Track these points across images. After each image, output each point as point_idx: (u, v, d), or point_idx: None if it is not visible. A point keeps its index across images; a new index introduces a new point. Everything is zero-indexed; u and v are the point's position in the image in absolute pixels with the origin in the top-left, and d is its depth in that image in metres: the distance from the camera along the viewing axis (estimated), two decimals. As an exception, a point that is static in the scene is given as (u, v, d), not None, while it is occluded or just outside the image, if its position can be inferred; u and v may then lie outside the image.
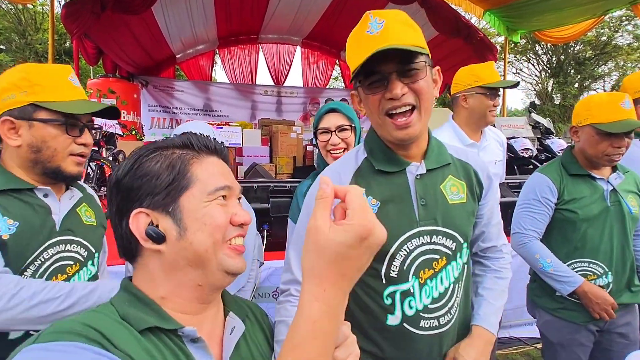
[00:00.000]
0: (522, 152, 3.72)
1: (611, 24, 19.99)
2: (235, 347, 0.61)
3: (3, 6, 20.30)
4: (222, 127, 4.21)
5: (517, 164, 3.86)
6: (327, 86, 9.84)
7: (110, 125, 4.35)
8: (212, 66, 8.96)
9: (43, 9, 17.95)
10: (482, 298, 0.96)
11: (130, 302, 0.55)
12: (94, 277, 1.00)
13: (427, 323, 0.86)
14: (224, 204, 0.58)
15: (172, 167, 0.56)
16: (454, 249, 0.88)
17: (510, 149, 3.83)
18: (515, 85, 1.72)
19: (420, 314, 0.85)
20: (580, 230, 1.31)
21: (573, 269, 1.33)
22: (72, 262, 0.94)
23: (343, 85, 10.43)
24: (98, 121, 3.02)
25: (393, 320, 0.85)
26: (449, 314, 0.88)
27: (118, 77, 6.31)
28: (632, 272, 1.34)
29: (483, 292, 0.97)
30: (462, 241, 0.89)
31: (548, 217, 1.35)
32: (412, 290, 0.85)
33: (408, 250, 0.85)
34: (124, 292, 0.57)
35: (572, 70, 24.04)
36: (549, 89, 24.61)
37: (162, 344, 0.52)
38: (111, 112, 0.97)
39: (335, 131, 1.27)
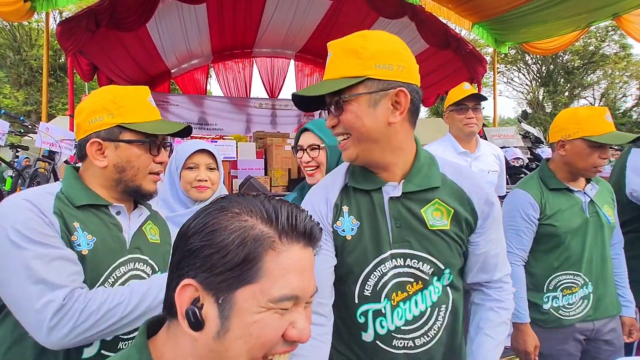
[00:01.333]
0: (513, 162, 3.78)
1: (598, 34, 20.52)
2: None
3: (-2, 23, 20.49)
4: (216, 142, 4.24)
5: (508, 173, 3.91)
6: (321, 98, 9.94)
7: None
8: (207, 80, 9.05)
9: (38, 25, 18.07)
10: (481, 332, 0.90)
11: None
12: None
13: (401, 343, 0.86)
14: (284, 313, 0.49)
15: (242, 246, 0.47)
16: (430, 273, 0.86)
17: (537, 158, 3.88)
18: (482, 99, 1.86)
19: (392, 334, 0.85)
20: (564, 243, 1.33)
21: (558, 282, 1.35)
22: None
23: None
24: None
25: (367, 337, 0.87)
26: (425, 336, 0.87)
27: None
28: (611, 281, 1.37)
29: (480, 323, 0.92)
30: (442, 267, 0.86)
31: (533, 233, 1.38)
32: (383, 311, 0.85)
33: (382, 272, 0.85)
34: (137, 355, 0.51)
35: (562, 80, 24.50)
36: (540, 97, 25.02)
37: None
38: (185, 131, 1.00)
39: (306, 149, 1.31)
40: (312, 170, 1.29)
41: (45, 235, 0.79)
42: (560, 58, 23.27)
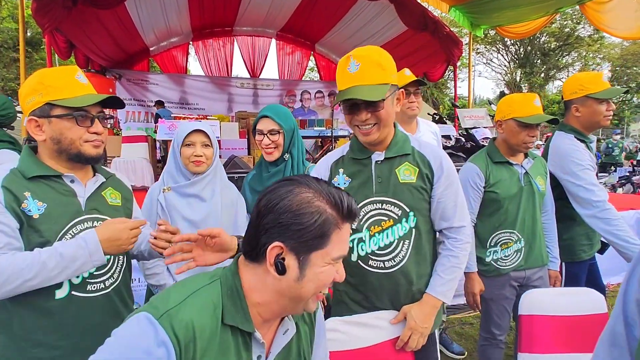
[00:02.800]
0: (482, 141, 4.05)
1: (574, 16, 20.93)
2: (285, 347, 0.79)
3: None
4: (200, 122, 4.32)
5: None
6: (303, 78, 9.96)
7: None
8: (187, 59, 8.91)
9: (0, -4, 16.92)
10: (435, 272, 1.21)
11: (231, 296, 0.72)
12: None
13: (375, 263, 1.20)
14: (334, 265, 0.73)
15: (320, 227, 0.69)
16: (399, 215, 1.19)
17: (471, 138, 4.16)
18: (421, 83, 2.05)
19: (369, 256, 1.20)
20: (503, 207, 1.61)
21: (498, 239, 1.63)
22: None
23: (318, 77, 10.56)
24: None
25: (352, 257, 1.21)
26: (393, 261, 1.19)
27: (92, 71, 6.23)
28: (540, 239, 1.66)
29: (437, 267, 1.21)
30: (407, 210, 1.18)
31: (479, 199, 1.64)
32: (363, 239, 1.20)
33: (366, 212, 1.20)
34: (232, 279, 0.73)
35: (539, 61, 25.04)
36: (517, 79, 25.56)
37: (233, 336, 0.71)
38: (115, 102, 1.14)
39: (267, 134, 1.50)
40: (271, 150, 1.50)
41: None
42: (538, 39, 23.68)
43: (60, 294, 1.03)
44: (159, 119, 5.44)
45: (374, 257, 1.20)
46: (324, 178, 1.24)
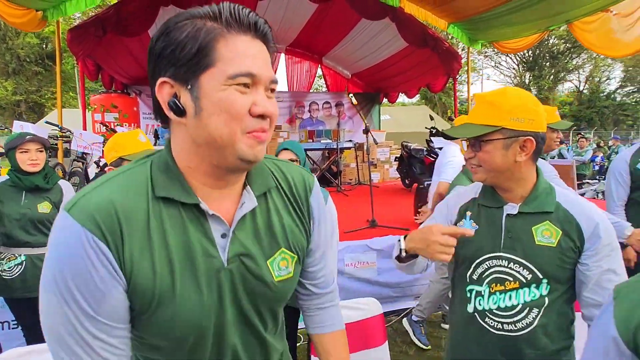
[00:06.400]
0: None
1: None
2: (240, 220, 0.63)
3: (-19, 11, 20.09)
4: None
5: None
6: (311, 90, 10.39)
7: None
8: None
9: (26, 14, 17.81)
10: None
11: (164, 169, 0.60)
12: None
13: (492, 322, 1.05)
14: (245, 92, 0.56)
15: (195, 39, 0.54)
16: (529, 279, 1.01)
17: None
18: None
19: (486, 312, 1.05)
20: None
21: None
22: None
23: (325, 88, 10.98)
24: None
25: (469, 309, 1.09)
26: (514, 325, 1.02)
27: (118, 92, 6.78)
28: None
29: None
30: (540, 276, 1.00)
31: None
32: (482, 293, 1.06)
33: (489, 266, 1.05)
34: (165, 153, 0.61)
35: (547, 64, 25.01)
36: (527, 81, 25.53)
37: (175, 211, 0.58)
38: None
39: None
40: None
41: None
42: (546, 42, 23.68)
43: None
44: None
45: (491, 316, 1.06)
46: (449, 218, 1.13)
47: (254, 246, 0.65)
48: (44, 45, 20.54)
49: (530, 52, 24.66)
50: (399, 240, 1.07)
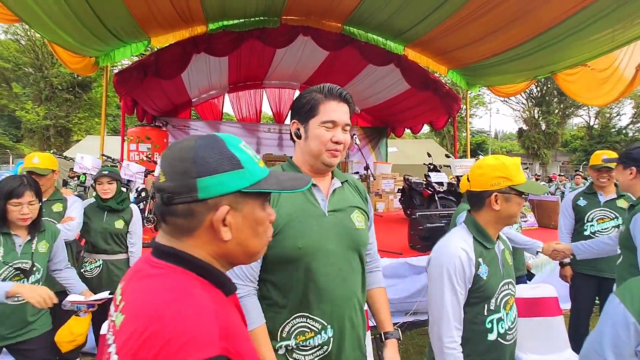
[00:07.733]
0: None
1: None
2: (332, 193, 1.14)
3: (22, 42, 21.88)
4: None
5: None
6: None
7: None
8: (223, 107, 10.23)
9: (64, 48, 19.30)
10: None
11: (287, 167, 1.16)
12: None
13: (509, 337, 1.31)
14: (329, 129, 1.08)
15: (309, 103, 1.08)
16: (514, 291, 1.36)
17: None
18: None
19: (507, 331, 1.30)
20: None
21: None
22: None
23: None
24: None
25: (491, 337, 1.28)
26: (515, 332, 1.34)
27: (152, 125, 7.56)
28: None
29: None
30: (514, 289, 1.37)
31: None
32: (502, 317, 1.30)
33: (500, 294, 1.30)
34: (288, 161, 1.20)
35: (555, 100, 25.39)
36: (535, 116, 25.82)
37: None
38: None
39: None
40: None
41: None
42: (553, 80, 24.05)
43: None
44: None
45: (509, 332, 1.31)
46: (471, 273, 1.27)
47: (339, 206, 1.15)
48: (76, 75, 22.01)
49: (537, 88, 25.12)
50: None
